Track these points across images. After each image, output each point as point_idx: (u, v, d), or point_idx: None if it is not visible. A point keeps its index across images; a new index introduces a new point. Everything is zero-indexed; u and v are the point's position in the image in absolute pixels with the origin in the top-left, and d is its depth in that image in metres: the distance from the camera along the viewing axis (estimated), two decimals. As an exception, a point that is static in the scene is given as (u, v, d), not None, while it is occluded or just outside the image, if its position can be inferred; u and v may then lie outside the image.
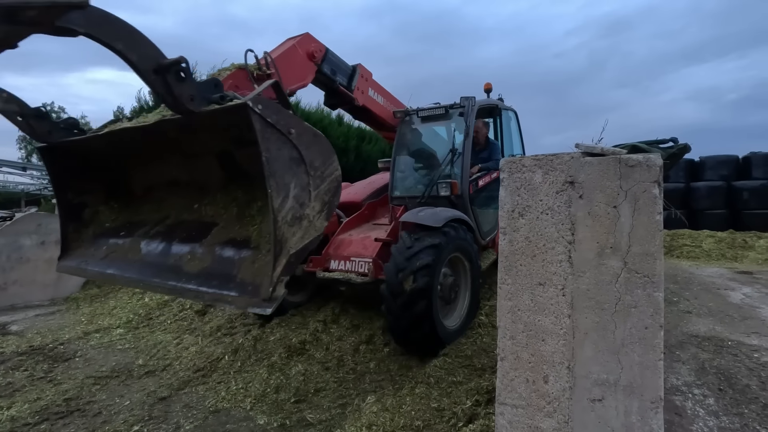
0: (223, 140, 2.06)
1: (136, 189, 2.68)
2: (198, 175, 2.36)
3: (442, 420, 2.27)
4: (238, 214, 2.13)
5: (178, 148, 2.30)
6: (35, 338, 4.18)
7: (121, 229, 2.60)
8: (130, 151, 2.49)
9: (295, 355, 3.25)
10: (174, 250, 2.25)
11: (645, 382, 1.16)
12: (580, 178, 1.25)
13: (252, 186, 2.02)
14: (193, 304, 4.65)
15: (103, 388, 3.13)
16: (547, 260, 1.30)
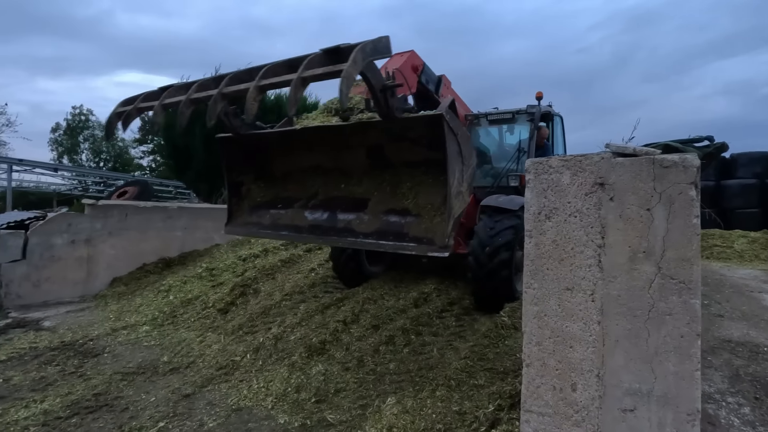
0: (380, 137, 2.80)
1: (277, 173, 3.41)
2: (344, 163, 3.04)
3: (464, 424, 2.24)
4: (390, 192, 2.79)
5: (335, 142, 3.01)
6: (66, 334, 4.32)
7: (277, 202, 3.34)
8: (285, 143, 3.22)
9: (315, 355, 3.27)
10: (340, 217, 2.96)
11: (681, 392, 1.11)
12: (610, 179, 1.20)
13: (397, 172, 2.81)
14: (216, 303, 4.73)
15: (130, 384, 3.21)
16: (575, 264, 1.26)
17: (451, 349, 3.15)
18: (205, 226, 7.36)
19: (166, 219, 6.77)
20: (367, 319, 3.76)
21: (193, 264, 6.55)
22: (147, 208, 6.56)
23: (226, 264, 5.97)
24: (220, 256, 6.67)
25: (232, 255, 6.46)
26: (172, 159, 9.82)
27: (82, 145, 26.63)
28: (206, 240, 7.31)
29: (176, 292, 5.26)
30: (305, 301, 4.50)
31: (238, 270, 5.69)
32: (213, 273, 5.72)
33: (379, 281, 4.73)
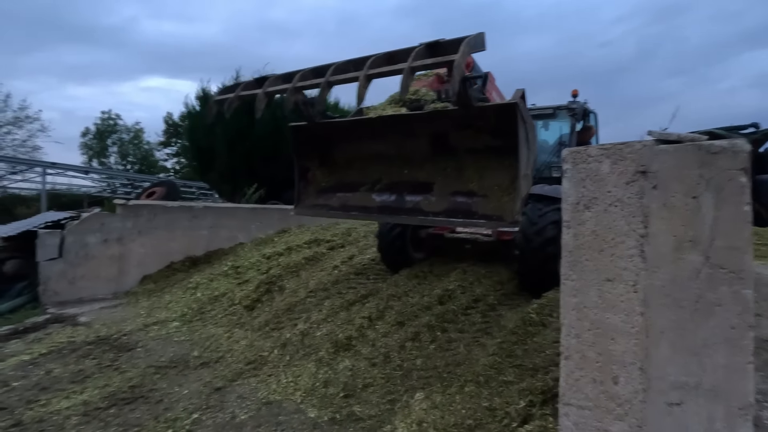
0: (446, 124, 3.02)
1: (339, 160, 3.65)
2: (407, 150, 3.25)
3: (494, 419, 2.21)
4: (454, 176, 3.02)
5: (401, 130, 3.23)
6: (102, 329, 4.48)
7: (341, 187, 3.60)
8: (353, 132, 3.49)
9: (342, 351, 3.29)
10: (407, 198, 3.20)
11: (732, 386, 1.07)
12: (653, 167, 1.17)
13: (460, 157, 3.02)
14: (242, 300, 4.82)
15: (163, 377, 3.30)
16: (616, 255, 1.23)
17: (478, 346, 3.13)
18: (230, 225, 7.50)
19: (192, 218, 6.93)
20: (391, 315, 3.76)
21: (218, 262, 6.68)
22: (174, 207, 6.73)
23: (251, 262, 6.07)
24: (245, 254, 6.79)
25: (257, 253, 6.56)
26: (196, 160, 10.04)
27: (110, 149, 27.54)
28: (230, 239, 7.45)
29: (203, 290, 5.38)
30: (329, 298, 4.53)
31: (262, 268, 5.77)
32: (238, 271, 5.82)
33: (402, 278, 4.73)
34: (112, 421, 2.63)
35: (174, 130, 32.82)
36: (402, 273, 4.89)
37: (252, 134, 8.98)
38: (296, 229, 8.22)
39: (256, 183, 9.05)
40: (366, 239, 6.74)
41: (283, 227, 8.25)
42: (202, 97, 9.76)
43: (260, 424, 2.47)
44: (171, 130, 32.85)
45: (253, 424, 2.46)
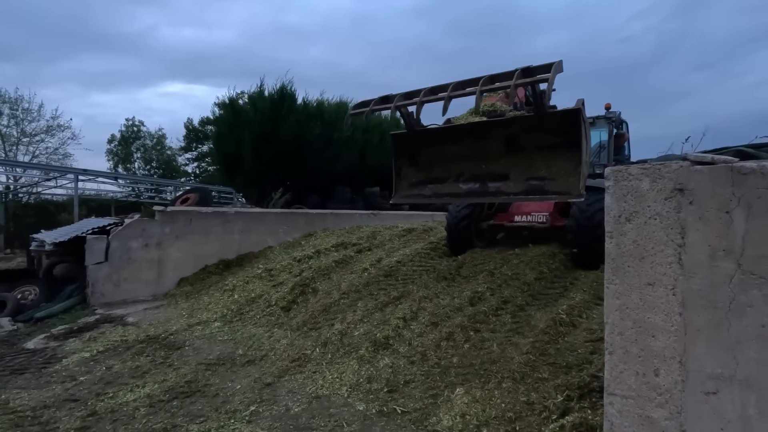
0: (520, 128, 4.01)
1: (423, 161, 4.58)
2: (483, 150, 4.19)
3: (533, 413, 2.38)
4: (525, 168, 3.92)
5: (481, 138, 4.20)
6: (149, 329, 4.78)
7: (430, 181, 4.50)
8: (440, 138, 4.43)
9: (381, 349, 3.49)
10: (490, 185, 4.14)
11: (763, 377, 1.23)
12: (689, 185, 1.34)
13: (528, 154, 3.94)
14: (278, 301, 5.07)
15: (214, 373, 3.55)
16: (656, 262, 1.40)
17: (511, 345, 3.29)
18: (259, 230, 7.80)
19: (225, 223, 7.24)
20: (425, 316, 3.95)
21: (249, 265, 6.97)
22: (208, 213, 7.05)
23: (282, 265, 6.33)
24: (275, 257, 7.07)
25: (287, 256, 6.83)
26: (222, 165, 10.40)
27: (135, 154, 28.40)
28: (260, 243, 7.74)
29: (240, 292, 5.66)
30: (362, 299, 4.74)
31: (294, 270, 6.03)
32: (272, 273, 6.09)
33: (431, 280, 4.91)
34: (176, 412, 2.87)
35: (194, 135, 33.63)
36: (431, 276, 5.07)
37: (277, 140, 9.28)
38: (321, 232, 8.48)
39: (281, 187, 9.34)
40: (391, 242, 6.95)
41: (309, 231, 8.53)
42: (227, 104, 10.13)
43: (314, 416, 2.68)
44: (191, 135, 33.67)
45: (307, 416, 2.68)
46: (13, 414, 2.95)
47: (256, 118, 9.15)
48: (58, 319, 5.34)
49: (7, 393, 3.31)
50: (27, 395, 3.26)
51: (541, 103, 3.65)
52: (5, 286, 5.74)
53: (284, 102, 9.46)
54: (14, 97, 20.56)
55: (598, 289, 4.12)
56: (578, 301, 3.77)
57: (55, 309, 5.43)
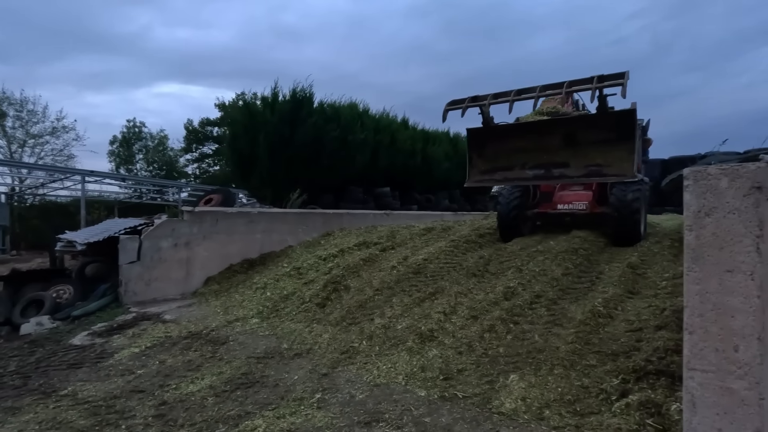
0: (579, 126, 5.27)
1: (485, 156, 5.79)
2: (545, 147, 5.33)
3: (591, 395, 2.57)
4: (582, 158, 5.11)
5: (545, 133, 5.39)
6: (189, 326, 4.93)
7: (497, 170, 5.69)
8: (508, 133, 5.66)
9: (427, 341, 3.66)
10: (554, 171, 5.32)
11: (837, 349, 1.42)
12: (767, 183, 1.53)
13: (583, 148, 5.11)
14: (312, 298, 5.23)
15: (266, 366, 3.71)
16: (734, 251, 1.59)
17: (552, 336, 3.47)
18: (280, 229, 7.96)
19: (248, 223, 7.39)
20: (464, 310, 4.13)
21: (273, 264, 7.13)
22: (233, 213, 7.19)
23: (309, 263, 6.49)
24: (297, 256, 7.23)
25: (310, 255, 6.98)
26: (237, 167, 10.53)
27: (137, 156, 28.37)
28: (281, 242, 7.90)
29: (272, 289, 5.81)
30: (395, 295, 4.91)
31: (322, 269, 6.19)
32: (300, 272, 6.25)
33: (462, 277, 5.10)
34: (244, 401, 3.03)
35: (195, 136, 33.63)
36: (460, 272, 5.26)
37: (293, 142, 9.43)
38: (339, 232, 8.65)
39: (297, 188, 9.49)
40: (413, 241, 7.13)
41: (327, 230, 8.69)
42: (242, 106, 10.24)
43: (379, 401, 2.85)
44: (191, 136, 33.67)
45: (373, 402, 2.85)
46: (87, 404, 3.09)
47: (273, 120, 9.28)
48: (95, 317, 5.47)
49: (72, 385, 3.46)
50: (93, 387, 3.41)
51: (604, 105, 4.91)
52: (40, 285, 5.85)
53: (303, 105, 9.60)
54: (19, 98, 20.52)
55: (627, 284, 4.33)
56: (611, 294, 3.97)
57: (91, 307, 5.55)
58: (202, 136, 33.25)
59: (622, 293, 4.08)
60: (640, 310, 3.64)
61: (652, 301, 3.82)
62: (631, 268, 4.75)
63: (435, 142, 14.16)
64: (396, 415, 2.64)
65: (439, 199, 14.64)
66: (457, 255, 6.01)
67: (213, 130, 31.83)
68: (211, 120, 32.03)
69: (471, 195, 16.39)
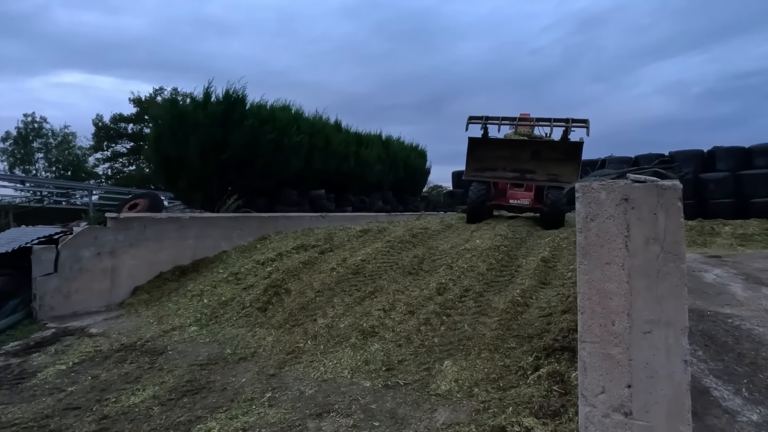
0: (543, 148, 9.04)
1: (477, 158, 9.22)
2: (518, 158, 8.96)
3: (511, 372, 3.02)
4: (544, 169, 8.76)
5: (520, 149, 9.07)
6: (120, 338, 4.71)
7: (486, 169, 9.12)
8: (493, 146, 9.20)
9: (369, 337, 3.94)
10: (525, 174, 8.88)
11: (677, 318, 1.93)
12: (632, 196, 2.01)
13: (545, 162, 8.79)
14: (253, 303, 5.26)
15: (211, 372, 3.73)
16: (611, 248, 2.06)
17: (480, 324, 3.93)
18: (214, 235, 7.76)
19: (180, 229, 7.13)
20: (401, 306, 4.47)
21: (207, 270, 6.96)
22: (163, 219, 6.89)
23: (247, 268, 6.46)
24: (234, 261, 7.12)
25: (248, 260, 6.93)
26: (162, 170, 9.99)
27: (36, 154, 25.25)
28: (215, 248, 7.71)
29: (209, 296, 5.72)
30: (336, 296, 5.13)
31: (261, 273, 6.20)
32: (238, 277, 6.20)
33: (398, 275, 5.45)
34: (193, 407, 3.07)
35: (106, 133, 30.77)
36: (396, 271, 5.61)
37: (227, 145, 9.19)
38: (275, 235, 8.62)
39: (230, 193, 9.29)
40: (350, 243, 7.37)
41: (262, 234, 8.62)
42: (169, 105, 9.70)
43: (328, 395, 3.06)
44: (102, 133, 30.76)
45: (322, 395, 3.05)
46: (15, 426, 2.92)
47: (206, 122, 8.97)
48: (6, 335, 4.98)
49: (-8, 409, 3.21)
50: (17, 409, 3.20)
51: (566, 137, 8.65)
52: (-68, 304, 5.17)
53: (236, 107, 9.37)
54: None
55: (540, 276, 4.97)
56: (528, 285, 4.55)
57: (0, 325, 5.05)
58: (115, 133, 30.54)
59: (536, 284, 4.69)
60: (550, 298, 4.25)
61: (560, 289, 4.46)
62: (544, 262, 5.44)
63: (368, 145, 14.51)
64: (345, 405, 2.88)
65: (372, 200, 15.03)
66: (393, 255, 6.37)
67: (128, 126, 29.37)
68: (126, 116, 29.55)
69: (403, 196, 17.01)
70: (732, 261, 8.72)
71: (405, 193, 17.08)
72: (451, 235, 7.61)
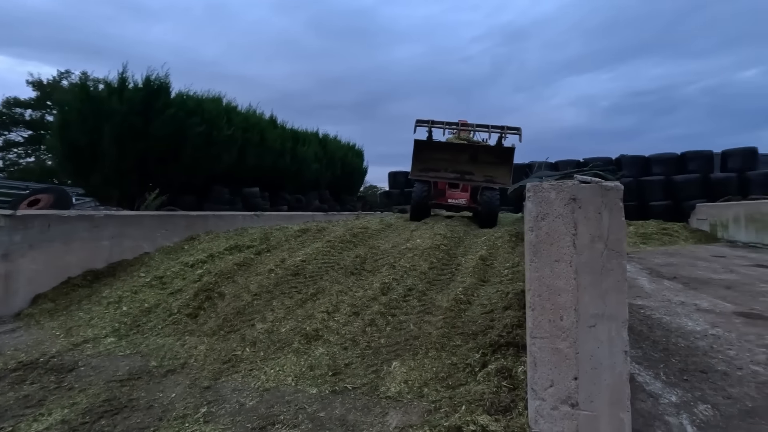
0: (480, 152, 9.89)
1: (422, 159, 9.86)
2: (458, 160, 9.79)
3: (459, 370, 3.04)
4: (480, 171, 9.69)
5: (460, 152, 9.92)
6: (18, 355, 4.05)
7: (429, 169, 9.79)
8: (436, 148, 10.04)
9: (313, 341, 3.77)
10: (465, 175, 9.74)
11: (618, 312, 2.05)
12: (579, 196, 2.10)
13: (482, 165, 9.68)
14: (181, 309, 4.82)
15: (133, 388, 3.33)
16: (560, 246, 2.14)
17: (425, 323, 3.94)
18: (134, 235, 7.04)
19: (92, 228, 6.36)
20: (345, 308, 4.35)
21: (126, 274, 6.28)
22: (71, 217, 6.09)
23: (174, 272, 5.92)
24: (158, 264, 6.50)
25: (174, 262, 6.37)
26: (69, 161, 8.86)
27: None
28: (135, 249, 7.01)
29: (129, 303, 5.14)
30: (276, 299, 4.87)
31: (190, 276, 5.72)
32: (163, 281, 5.66)
33: (341, 276, 5.32)
34: (113, 429, 2.71)
35: (-2, 118, 26.83)
36: (338, 271, 5.48)
37: (148, 135, 8.36)
38: (205, 235, 8.05)
39: (149, 188, 8.50)
40: (288, 243, 7.08)
41: (191, 234, 8.01)
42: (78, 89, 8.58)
43: (271, 405, 2.86)
44: (-9, 118, 26.75)
45: (265, 406, 2.85)
46: None
47: (122, 110, 8.08)
48: None
49: None
50: None
51: (501, 143, 9.55)
52: None
53: (159, 95, 8.56)
54: None
55: (480, 274, 5.13)
56: (469, 283, 4.67)
57: None
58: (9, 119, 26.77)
59: (476, 282, 4.83)
60: (490, 295, 4.39)
61: (498, 287, 4.63)
62: (482, 260, 5.64)
63: (305, 142, 14.14)
64: (291, 415, 2.71)
65: (309, 199, 14.68)
66: (334, 255, 6.22)
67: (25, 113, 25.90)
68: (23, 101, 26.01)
69: (340, 195, 16.83)
70: (637, 257, 9.75)
71: (342, 193, 16.91)
72: (391, 235, 7.63)
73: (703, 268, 8.02)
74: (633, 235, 13.63)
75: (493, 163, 9.60)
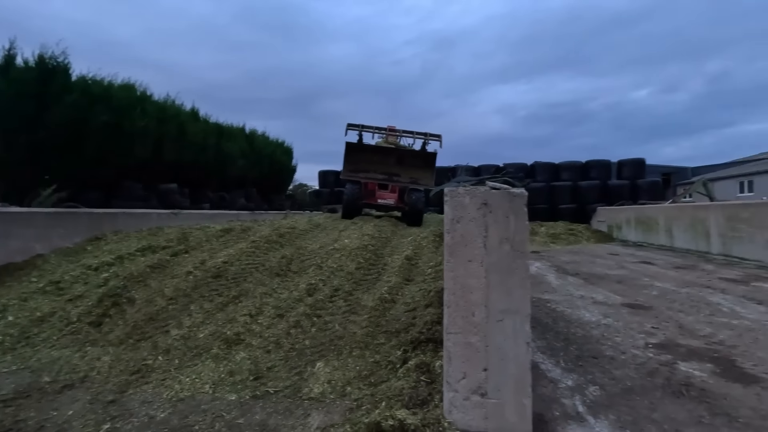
0: (406, 156, 10.90)
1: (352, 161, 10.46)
2: (386, 163, 10.69)
3: (382, 367, 3.12)
4: (407, 173, 10.68)
5: (388, 155, 10.83)
6: None
7: (360, 170, 10.54)
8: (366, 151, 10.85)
9: (234, 345, 3.63)
10: (392, 176, 10.71)
11: (522, 307, 2.25)
12: (490, 201, 2.28)
13: (408, 167, 10.73)
14: (82, 317, 4.36)
15: (20, 408, 2.96)
16: (472, 247, 2.30)
17: (350, 323, 3.98)
18: (23, 234, 6.23)
19: (-31, 227, 5.50)
20: (269, 310, 4.25)
21: (13, 279, 5.53)
22: (-59, 214, 5.21)
23: (74, 276, 5.33)
24: (53, 267, 5.81)
25: (74, 265, 5.74)
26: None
27: None
28: (24, 251, 6.20)
29: (16, 312, 4.53)
30: (194, 303, 4.61)
31: (93, 281, 5.19)
32: (60, 286, 5.07)
33: (265, 277, 5.18)
34: (-8, 458, 2.38)
35: None
36: (263, 273, 5.32)
37: (43, 123, 7.42)
38: (113, 235, 7.36)
39: (48, 182, 7.59)
40: (210, 243, 6.72)
41: (96, 234, 7.28)
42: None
43: (185, 415, 2.71)
44: None
45: (178, 417, 2.69)
46: None
47: (9, 92, 7.07)
48: None
49: None
50: None
51: (425, 148, 10.72)
52: None
53: (55, 77, 7.60)
54: None
55: (405, 273, 5.30)
56: (394, 283, 4.80)
57: None
58: None
59: (401, 281, 4.98)
60: (414, 294, 4.55)
61: (422, 285, 4.82)
62: (408, 260, 5.82)
63: (230, 137, 13.49)
64: (207, 424, 2.59)
65: (234, 197, 14.02)
66: (259, 255, 6.03)
67: None
68: None
69: (268, 194, 16.30)
70: (547, 255, 10.71)
71: (270, 191, 16.39)
72: (319, 235, 7.57)
73: (601, 264, 9.04)
74: (544, 235, 14.94)
75: (418, 166, 10.56)
